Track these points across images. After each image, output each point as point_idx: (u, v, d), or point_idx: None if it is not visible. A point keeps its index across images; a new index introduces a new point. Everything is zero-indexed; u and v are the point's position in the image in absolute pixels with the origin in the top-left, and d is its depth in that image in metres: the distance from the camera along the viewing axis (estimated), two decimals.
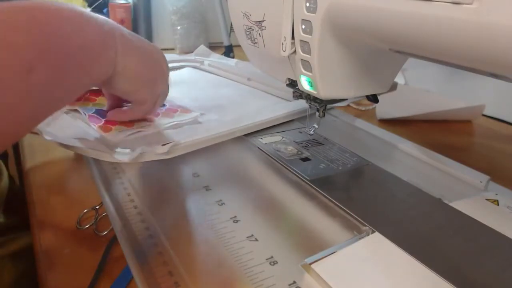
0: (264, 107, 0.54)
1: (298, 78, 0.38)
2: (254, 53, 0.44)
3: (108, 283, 0.30)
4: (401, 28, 0.26)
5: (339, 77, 0.36)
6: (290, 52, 0.36)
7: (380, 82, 0.39)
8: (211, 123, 0.48)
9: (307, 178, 0.37)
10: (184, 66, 0.77)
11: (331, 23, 0.31)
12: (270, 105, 0.55)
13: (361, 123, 0.53)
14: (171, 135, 0.43)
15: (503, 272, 0.27)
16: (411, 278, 0.26)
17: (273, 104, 0.56)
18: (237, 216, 0.33)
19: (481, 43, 0.21)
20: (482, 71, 0.25)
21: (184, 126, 0.46)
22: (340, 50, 0.34)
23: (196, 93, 0.62)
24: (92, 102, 0.52)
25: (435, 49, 0.26)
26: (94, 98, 0.53)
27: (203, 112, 0.51)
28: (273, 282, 0.26)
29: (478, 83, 0.67)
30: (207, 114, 0.51)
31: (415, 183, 0.37)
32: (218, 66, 0.73)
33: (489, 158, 0.54)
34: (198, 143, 0.41)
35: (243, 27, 0.42)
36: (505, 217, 0.33)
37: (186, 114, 0.50)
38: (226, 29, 0.95)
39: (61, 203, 0.40)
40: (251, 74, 0.65)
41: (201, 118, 0.49)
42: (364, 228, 0.31)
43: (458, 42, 0.23)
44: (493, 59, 0.22)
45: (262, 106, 0.55)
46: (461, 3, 0.21)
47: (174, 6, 1.01)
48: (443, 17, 0.23)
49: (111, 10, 0.95)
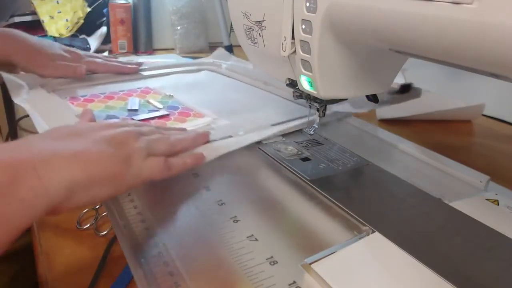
0: (279, 113, 0.53)
1: (298, 78, 0.38)
2: (254, 53, 0.44)
3: (108, 283, 0.30)
4: (401, 28, 0.26)
5: (339, 77, 0.36)
6: (290, 52, 0.36)
7: (380, 82, 0.39)
8: (221, 130, 0.46)
9: (307, 178, 0.37)
10: (202, 69, 0.76)
11: (331, 23, 0.31)
12: (285, 112, 0.54)
13: (361, 123, 0.53)
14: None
15: (503, 272, 0.27)
16: (411, 278, 0.26)
17: (289, 111, 0.54)
18: (237, 216, 0.33)
19: (481, 43, 0.21)
20: (482, 71, 0.25)
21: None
22: (340, 50, 0.34)
23: (212, 97, 0.61)
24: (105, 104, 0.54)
25: (435, 49, 0.26)
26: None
27: (216, 116, 0.50)
28: (273, 282, 0.26)
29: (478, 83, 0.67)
30: (219, 119, 0.50)
31: (415, 183, 0.37)
32: (236, 69, 0.72)
33: (489, 158, 0.54)
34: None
35: (243, 27, 0.42)
36: (505, 217, 0.33)
37: (199, 119, 0.49)
38: (226, 29, 0.95)
39: None
40: (268, 78, 0.64)
41: (214, 123, 0.48)
42: (364, 228, 0.31)
43: (458, 42, 0.23)
44: (493, 59, 0.22)
45: (277, 112, 0.54)
46: (461, 3, 0.21)
47: (174, 6, 1.01)
48: (443, 17, 0.23)
49: (111, 10, 0.95)
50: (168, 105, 0.54)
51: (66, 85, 0.60)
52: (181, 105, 0.53)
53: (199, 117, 0.50)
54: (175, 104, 0.55)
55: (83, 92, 0.58)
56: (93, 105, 0.52)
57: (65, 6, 0.95)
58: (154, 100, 0.56)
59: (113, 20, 0.96)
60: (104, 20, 0.99)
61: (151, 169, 0.32)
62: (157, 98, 0.57)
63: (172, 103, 0.55)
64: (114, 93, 0.57)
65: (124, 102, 0.54)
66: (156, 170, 0.32)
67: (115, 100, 0.55)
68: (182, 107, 0.52)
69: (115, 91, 0.58)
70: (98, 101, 0.54)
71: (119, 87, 0.61)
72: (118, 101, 0.54)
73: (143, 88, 0.62)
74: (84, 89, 0.60)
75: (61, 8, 0.95)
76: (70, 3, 0.96)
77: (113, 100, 0.55)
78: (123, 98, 0.56)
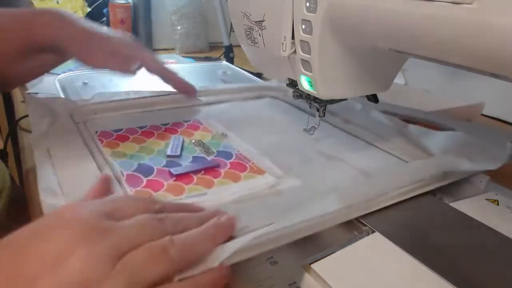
0: (371, 163, 0.41)
1: (298, 78, 0.38)
2: (254, 53, 0.44)
3: None
4: (401, 28, 0.26)
5: (339, 77, 0.36)
6: (290, 52, 0.36)
7: (380, 82, 0.39)
8: (291, 195, 0.35)
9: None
10: (264, 95, 0.60)
11: (331, 23, 0.31)
12: (379, 162, 0.42)
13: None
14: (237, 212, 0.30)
15: (503, 272, 0.27)
16: (411, 278, 0.26)
17: (385, 162, 0.42)
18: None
19: (481, 42, 0.21)
20: (481, 71, 0.25)
21: (257, 200, 0.34)
22: (340, 50, 0.34)
23: (275, 137, 0.47)
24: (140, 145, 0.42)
25: (435, 49, 0.26)
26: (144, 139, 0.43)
27: (281, 172, 0.38)
28: (273, 283, 0.26)
29: (478, 83, 0.67)
30: (287, 175, 0.38)
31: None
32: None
33: None
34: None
35: (243, 27, 0.42)
36: (505, 217, 0.33)
37: (257, 177, 0.37)
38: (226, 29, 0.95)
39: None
40: (350, 113, 0.50)
41: (280, 184, 0.36)
42: (364, 228, 0.31)
43: (458, 42, 0.23)
44: (493, 59, 0.22)
45: (368, 163, 0.41)
46: (461, 3, 0.21)
47: (174, 6, 1.01)
48: (443, 16, 0.23)
49: (111, 10, 0.95)
50: (219, 150, 0.42)
51: (101, 113, 0.49)
52: (235, 151, 0.42)
53: (258, 173, 0.38)
54: (227, 149, 0.43)
55: (120, 122, 0.47)
56: (126, 146, 0.42)
57: (65, 6, 0.95)
58: (202, 141, 0.44)
59: (113, 20, 0.96)
60: (104, 20, 0.99)
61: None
62: (207, 138, 0.45)
63: (224, 146, 0.43)
64: (155, 128, 0.47)
65: (164, 142, 0.43)
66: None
67: (154, 138, 0.44)
68: (237, 154, 0.41)
69: (157, 125, 0.47)
70: (133, 139, 0.44)
71: (163, 118, 0.49)
72: (158, 140, 0.44)
73: (191, 121, 0.49)
74: (122, 118, 0.49)
75: (61, 8, 0.95)
76: (70, 3, 0.96)
77: (152, 138, 0.44)
78: (164, 137, 0.45)
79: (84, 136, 0.43)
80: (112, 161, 0.38)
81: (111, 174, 0.36)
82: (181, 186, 0.35)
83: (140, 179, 0.35)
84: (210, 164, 0.39)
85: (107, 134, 0.44)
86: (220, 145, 0.44)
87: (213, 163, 0.39)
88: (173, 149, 0.42)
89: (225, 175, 0.37)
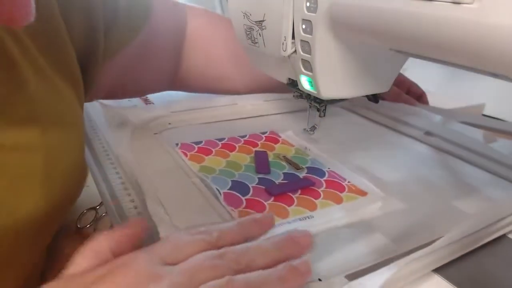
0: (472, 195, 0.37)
1: (298, 78, 0.38)
2: (254, 53, 0.44)
3: None
4: (401, 28, 0.26)
5: (339, 77, 0.36)
6: (291, 51, 0.36)
7: (380, 82, 0.39)
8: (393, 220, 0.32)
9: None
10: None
11: (331, 23, 0.31)
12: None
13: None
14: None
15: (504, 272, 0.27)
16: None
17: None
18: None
19: (481, 42, 0.21)
20: (482, 71, 0.25)
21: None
22: (340, 49, 0.34)
23: (362, 151, 0.43)
24: (225, 159, 0.40)
25: (435, 49, 0.26)
26: (228, 153, 0.41)
27: (383, 193, 0.35)
28: None
29: (478, 83, 0.68)
30: (389, 197, 0.35)
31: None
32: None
33: None
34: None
35: (243, 27, 0.42)
36: None
37: (360, 198, 0.34)
38: None
39: None
40: (430, 127, 0.45)
41: (385, 208, 0.33)
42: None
43: (458, 42, 0.23)
44: (493, 59, 0.22)
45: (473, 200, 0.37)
46: (461, 3, 0.21)
47: None
48: (443, 17, 0.23)
49: None
50: (307, 166, 0.40)
51: (176, 124, 0.47)
52: (325, 168, 0.39)
53: (359, 193, 0.35)
54: (316, 165, 0.40)
55: (195, 134, 0.45)
56: (212, 160, 0.39)
57: None
58: (288, 156, 0.42)
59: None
60: None
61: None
62: (290, 152, 0.42)
63: (312, 162, 0.40)
64: (234, 140, 0.44)
65: (249, 156, 0.41)
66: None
67: (236, 152, 0.42)
68: (328, 171, 0.38)
69: (235, 137, 0.45)
70: (216, 153, 0.41)
71: (239, 129, 0.46)
72: (241, 154, 0.41)
73: (267, 133, 0.47)
74: (195, 128, 0.47)
75: None
76: None
77: (234, 152, 0.42)
78: (246, 150, 0.42)
79: (167, 148, 0.42)
80: (203, 177, 0.36)
81: (206, 190, 0.34)
82: (284, 208, 0.33)
83: (239, 199, 0.33)
84: (305, 183, 0.37)
85: (188, 146, 0.42)
86: (307, 161, 0.41)
87: (307, 182, 0.37)
88: (261, 165, 0.39)
89: (325, 196, 0.34)
